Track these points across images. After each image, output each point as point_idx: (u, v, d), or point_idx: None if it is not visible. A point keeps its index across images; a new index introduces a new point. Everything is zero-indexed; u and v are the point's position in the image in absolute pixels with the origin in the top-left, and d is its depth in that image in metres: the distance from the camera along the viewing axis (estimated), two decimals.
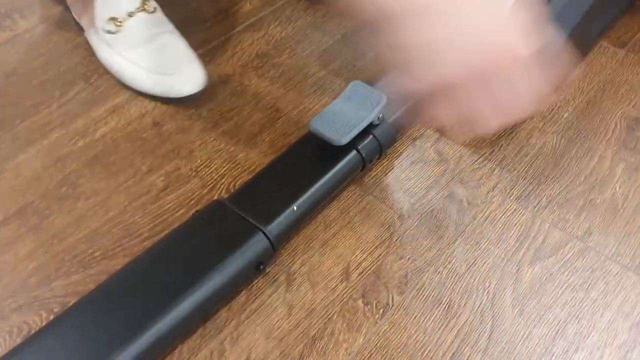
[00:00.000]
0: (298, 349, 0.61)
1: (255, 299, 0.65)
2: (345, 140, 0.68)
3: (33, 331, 0.60)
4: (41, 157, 0.77)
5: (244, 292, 0.65)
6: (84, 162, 0.77)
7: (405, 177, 0.77)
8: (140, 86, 0.84)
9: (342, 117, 0.70)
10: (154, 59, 0.83)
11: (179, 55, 0.83)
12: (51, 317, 0.61)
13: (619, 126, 0.83)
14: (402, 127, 0.78)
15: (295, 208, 0.66)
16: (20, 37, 0.93)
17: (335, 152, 0.71)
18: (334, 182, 0.71)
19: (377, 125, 0.72)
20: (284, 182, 0.70)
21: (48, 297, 0.65)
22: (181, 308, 0.58)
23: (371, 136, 0.72)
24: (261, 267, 0.64)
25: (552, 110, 0.85)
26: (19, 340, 0.60)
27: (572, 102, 0.86)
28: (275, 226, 0.65)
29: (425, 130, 0.82)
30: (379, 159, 0.76)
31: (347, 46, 0.93)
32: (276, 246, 0.65)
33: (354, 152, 0.71)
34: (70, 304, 0.60)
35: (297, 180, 0.70)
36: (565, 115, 0.84)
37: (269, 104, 0.85)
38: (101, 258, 0.68)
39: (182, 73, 0.81)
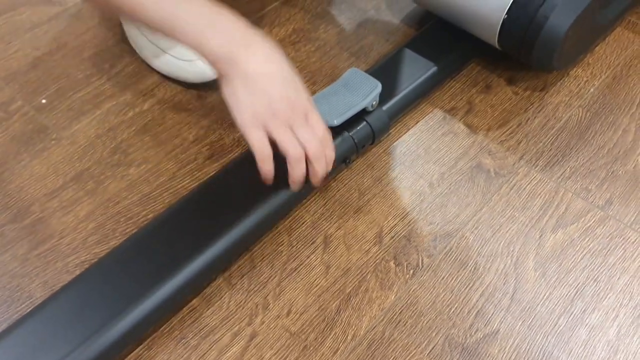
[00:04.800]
0: (335, 304, 0.67)
1: (295, 259, 0.71)
2: (337, 122, 0.72)
3: None
4: (94, 126, 0.83)
5: (284, 252, 0.71)
6: (135, 131, 0.82)
7: (436, 148, 0.81)
8: (161, 68, 0.87)
9: (336, 100, 0.74)
10: (174, 42, 0.85)
11: None
12: None
13: None
14: (396, 115, 0.82)
15: None
16: (69, 12, 0.98)
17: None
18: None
19: (371, 112, 0.76)
20: None
21: None
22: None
23: (364, 122, 0.76)
24: (347, 161, 0.75)
25: (579, 84, 0.88)
26: None
27: (599, 77, 0.89)
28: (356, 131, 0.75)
29: (455, 103, 0.85)
30: (372, 144, 0.79)
31: (379, 20, 0.96)
32: (359, 147, 0.76)
33: (345, 135, 0.75)
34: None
35: None
36: (592, 89, 0.87)
37: (306, 77, 0.89)
38: None
39: (201, 60, 0.85)
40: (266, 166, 0.65)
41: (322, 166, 0.66)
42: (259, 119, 0.63)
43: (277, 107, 0.63)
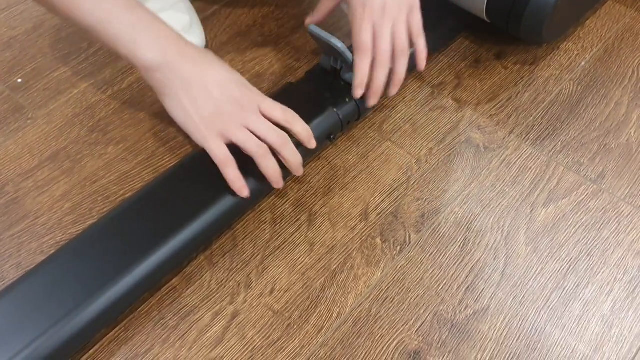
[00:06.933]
0: (320, 281, 0.65)
1: (278, 237, 0.68)
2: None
3: None
4: (72, 105, 0.81)
5: (268, 230, 0.69)
6: (113, 110, 0.80)
7: (424, 123, 0.79)
8: None
9: None
10: None
11: (179, 18, 0.84)
12: None
13: (636, 73, 0.84)
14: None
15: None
16: None
17: (313, 110, 0.73)
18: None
19: None
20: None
21: None
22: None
23: (350, 98, 0.73)
24: (332, 137, 0.72)
25: (570, 58, 0.86)
26: None
27: (590, 50, 0.87)
28: (342, 107, 0.73)
29: (444, 78, 0.83)
30: (357, 120, 0.77)
31: None
32: (344, 123, 0.73)
33: (330, 111, 0.72)
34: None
35: None
36: (583, 63, 0.85)
37: (290, 54, 0.86)
38: None
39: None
40: (231, 172, 0.62)
41: (290, 152, 0.64)
42: (210, 125, 0.62)
43: (226, 109, 0.62)
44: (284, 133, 0.64)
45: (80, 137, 0.77)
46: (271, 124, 0.64)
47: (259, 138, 0.63)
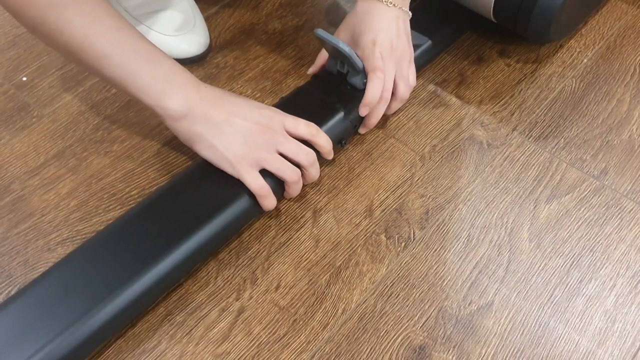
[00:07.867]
0: (325, 277, 0.65)
1: (283, 233, 0.69)
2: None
3: None
4: (77, 103, 0.81)
5: (273, 227, 0.69)
6: (118, 108, 0.80)
7: (427, 121, 0.79)
8: None
9: None
10: (158, 19, 0.84)
11: (183, 17, 0.85)
12: None
13: (638, 70, 0.84)
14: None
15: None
16: None
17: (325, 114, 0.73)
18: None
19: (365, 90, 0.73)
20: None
21: (89, 231, 0.69)
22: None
23: (359, 102, 0.73)
24: (343, 142, 0.73)
25: (572, 55, 0.86)
26: None
27: (592, 47, 0.87)
28: (353, 112, 0.73)
29: (447, 75, 0.84)
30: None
31: None
32: (353, 128, 0.74)
33: (341, 115, 0.72)
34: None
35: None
36: (585, 60, 0.86)
37: (293, 52, 0.87)
38: (138, 196, 0.71)
39: (185, 35, 0.83)
40: (268, 202, 0.65)
41: (315, 170, 0.68)
42: (244, 160, 0.63)
43: (254, 139, 0.64)
44: (312, 151, 0.66)
45: (85, 135, 0.77)
46: (298, 142, 0.66)
47: (288, 159, 0.65)
